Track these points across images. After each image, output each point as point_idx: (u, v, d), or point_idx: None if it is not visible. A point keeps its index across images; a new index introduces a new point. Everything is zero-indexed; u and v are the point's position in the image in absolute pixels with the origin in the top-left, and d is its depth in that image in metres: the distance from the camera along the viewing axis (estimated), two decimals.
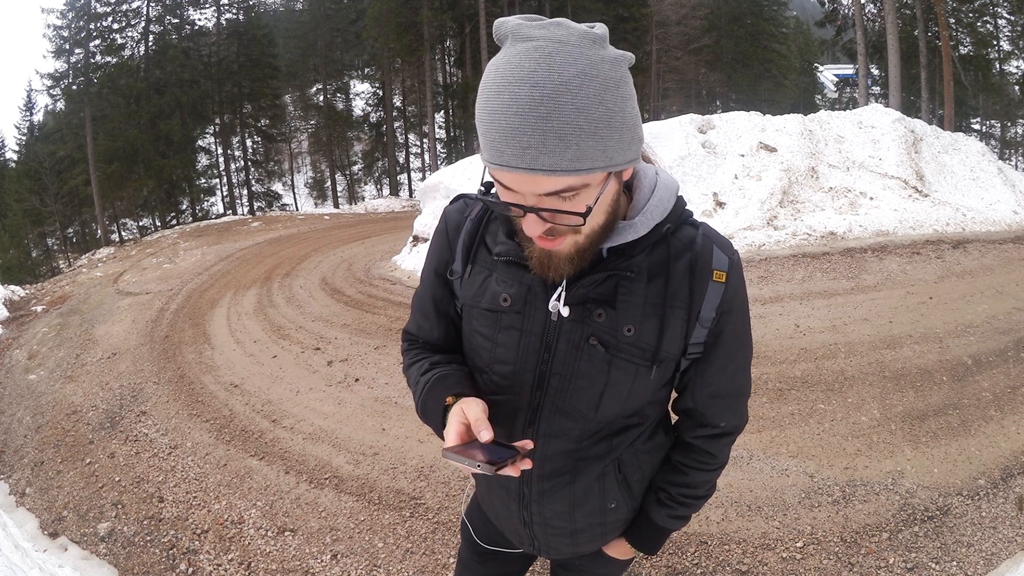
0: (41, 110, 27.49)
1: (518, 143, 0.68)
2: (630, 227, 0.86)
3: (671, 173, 6.99)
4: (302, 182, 31.32)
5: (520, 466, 0.80)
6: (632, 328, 0.89)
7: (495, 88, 0.69)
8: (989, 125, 24.17)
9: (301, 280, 8.34)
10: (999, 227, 7.21)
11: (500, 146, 0.70)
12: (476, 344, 0.98)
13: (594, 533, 1.08)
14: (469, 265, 0.98)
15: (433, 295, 1.06)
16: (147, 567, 2.81)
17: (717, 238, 0.94)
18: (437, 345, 1.09)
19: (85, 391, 5.08)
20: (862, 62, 18.24)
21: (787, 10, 32.63)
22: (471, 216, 0.99)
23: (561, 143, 0.68)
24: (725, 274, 0.91)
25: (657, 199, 0.89)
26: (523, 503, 1.05)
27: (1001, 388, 3.69)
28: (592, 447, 0.98)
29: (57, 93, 21.23)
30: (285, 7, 36.02)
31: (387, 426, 3.87)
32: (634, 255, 0.88)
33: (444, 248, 1.03)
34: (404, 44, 23.98)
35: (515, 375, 0.95)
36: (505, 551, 1.25)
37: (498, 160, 0.71)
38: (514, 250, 0.91)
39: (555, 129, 0.67)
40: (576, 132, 0.68)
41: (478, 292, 0.96)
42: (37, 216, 22.62)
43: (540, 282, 0.90)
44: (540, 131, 0.67)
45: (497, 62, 0.71)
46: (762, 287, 5.82)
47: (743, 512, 2.75)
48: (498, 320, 0.94)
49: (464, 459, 0.77)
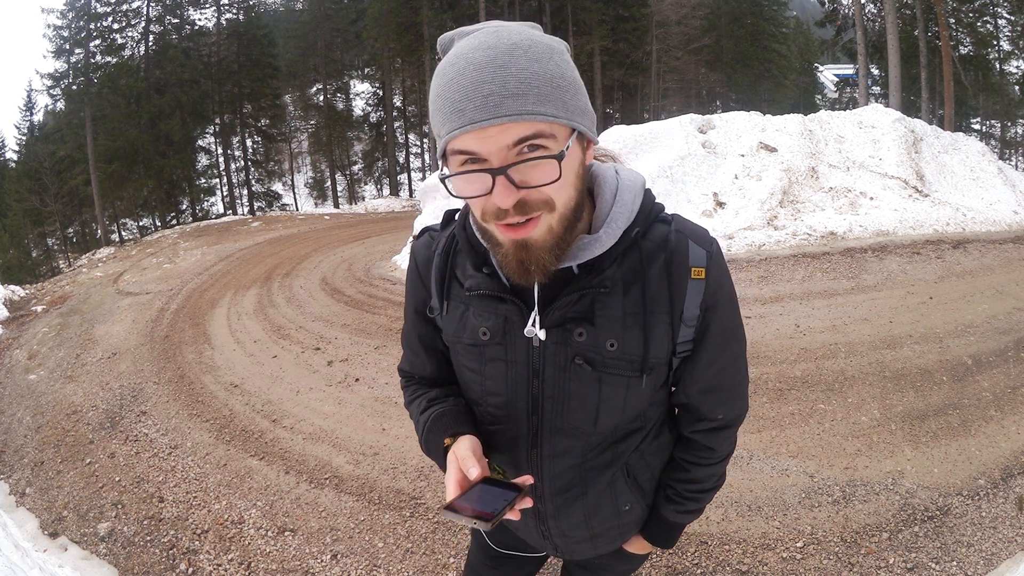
0: (41, 110, 27.56)
1: (479, 94, 0.67)
2: (595, 241, 0.83)
3: (669, 173, 6.91)
4: (302, 182, 31.33)
5: (520, 506, 0.79)
6: (615, 342, 0.87)
7: (448, 69, 0.71)
8: (989, 125, 24.19)
9: (301, 280, 8.34)
10: (999, 227, 7.21)
11: (460, 105, 0.68)
12: (466, 378, 0.98)
13: (612, 535, 1.09)
14: (445, 301, 0.96)
15: (418, 333, 1.05)
16: (147, 567, 2.81)
17: (692, 231, 0.90)
18: (432, 380, 1.08)
19: (85, 391, 5.08)
20: (862, 62, 18.23)
21: (787, 10, 32.63)
22: (438, 251, 0.97)
23: (523, 85, 0.68)
24: (704, 270, 0.88)
25: (620, 204, 0.86)
26: (540, 519, 1.05)
27: (1001, 388, 3.69)
28: (597, 458, 0.97)
29: (57, 93, 21.27)
30: (285, 7, 36.05)
31: (387, 426, 3.87)
32: (604, 269, 0.85)
33: (419, 286, 1.02)
34: (404, 44, 24.00)
35: (508, 404, 0.94)
36: (520, 555, 1.25)
37: (459, 121, 0.69)
38: (484, 282, 0.89)
39: (514, 74, 0.68)
40: (533, 77, 0.69)
41: (458, 328, 0.95)
42: (37, 216, 22.63)
43: (516, 311, 0.88)
44: (500, 78, 0.68)
45: (446, 57, 0.74)
46: (762, 287, 5.82)
47: (743, 512, 2.75)
48: (482, 354, 0.93)
49: (462, 518, 0.76)
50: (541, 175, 0.72)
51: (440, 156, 0.76)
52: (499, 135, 0.69)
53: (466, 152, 0.71)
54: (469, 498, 0.79)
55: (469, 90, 0.68)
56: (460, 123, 0.69)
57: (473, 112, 0.68)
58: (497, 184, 0.71)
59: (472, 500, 0.79)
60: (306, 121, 30.55)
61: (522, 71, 0.68)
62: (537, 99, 0.69)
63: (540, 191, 0.73)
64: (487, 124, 0.68)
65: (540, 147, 0.71)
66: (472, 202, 0.77)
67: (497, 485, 0.82)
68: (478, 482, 0.82)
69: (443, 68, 0.72)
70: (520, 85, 0.68)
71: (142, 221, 22.88)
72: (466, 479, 0.83)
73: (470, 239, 0.90)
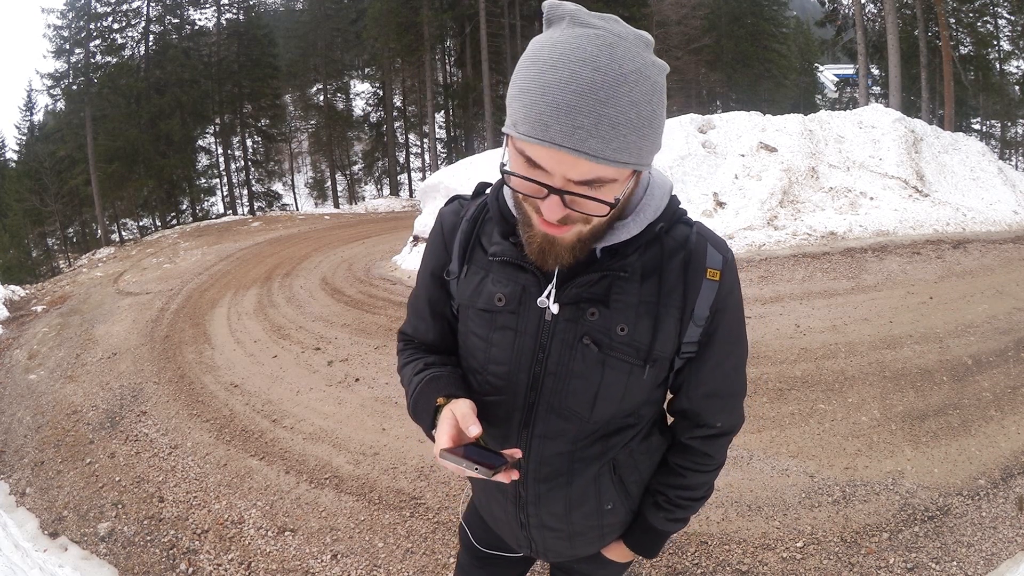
0: (41, 110, 27.56)
1: (570, 121, 0.67)
2: (623, 227, 0.86)
3: (669, 173, 6.99)
4: (302, 182, 31.33)
5: (509, 475, 0.80)
6: (625, 327, 0.89)
7: (551, 63, 0.68)
8: (989, 125, 24.17)
9: (301, 280, 8.34)
10: (999, 227, 7.21)
11: (548, 120, 0.68)
12: (471, 344, 0.98)
13: (591, 536, 1.08)
14: (465, 266, 0.98)
15: (429, 297, 1.06)
16: (147, 567, 2.81)
17: (711, 237, 0.94)
18: (432, 346, 1.09)
19: (85, 391, 5.08)
20: (862, 62, 18.23)
21: (787, 10, 32.62)
22: (466, 216, 0.99)
23: (612, 131, 0.68)
24: (719, 272, 0.91)
25: (651, 198, 0.89)
26: (520, 505, 1.05)
27: (1001, 388, 3.69)
28: (587, 448, 0.98)
29: (57, 93, 21.26)
30: (285, 7, 36.06)
31: (387, 426, 3.87)
32: (628, 255, 0.87)
33: (440, 249, 1.03)
34: (404, 44, 23.99)
35: (510, 375, 0.95)
36: (504, 555, 1.25)
37: (541, 135, 0.69)
38: (509, 250, 0.91)
39: (610, 116, 0.67)
40: (627, 124, 0.69)
41: (474, 292, 0.96)
42: (37, 216, 22.63)
43: (535, 282, 0.90)
44: (596, 114, 0.67)
45: (552, 39, 0.70)
46: (762, 287, 5.82)
47: (743, 512, 2.75)
48: (493, 320, 0.94)
49: (462, 461, 0.76)
50: (592, 208, 0.75)
51: (505, 134, 0.76)
52: (571, 166, 0.70)
53: (534, 161, 0.72)
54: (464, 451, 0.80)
55: (561, 112, 0.67)
56: (540, 135, 0.69)
57: (556, 134, 0.68)
58: (550, 199, 0.73)
59: (468, 453, 0.79)
60: (306, 121, 30.55)
61: (619, 115, 0.68)
62: (619, 148, 0.70)
63: (583, 213, 0.76)
64: (565, 152, 0.69)
65: (602, 186, 0.73)
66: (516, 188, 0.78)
67: (486, 450, 0.82)
68: (469, 444, 0.83)
69: (544, 57, 0.69)
70: (610, 131, 0.68)
71: (142, 221, 22.88)
72: (459, 436, 0.84)
73: (502, 210, 0.92)
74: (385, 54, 25.77)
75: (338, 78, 29.89)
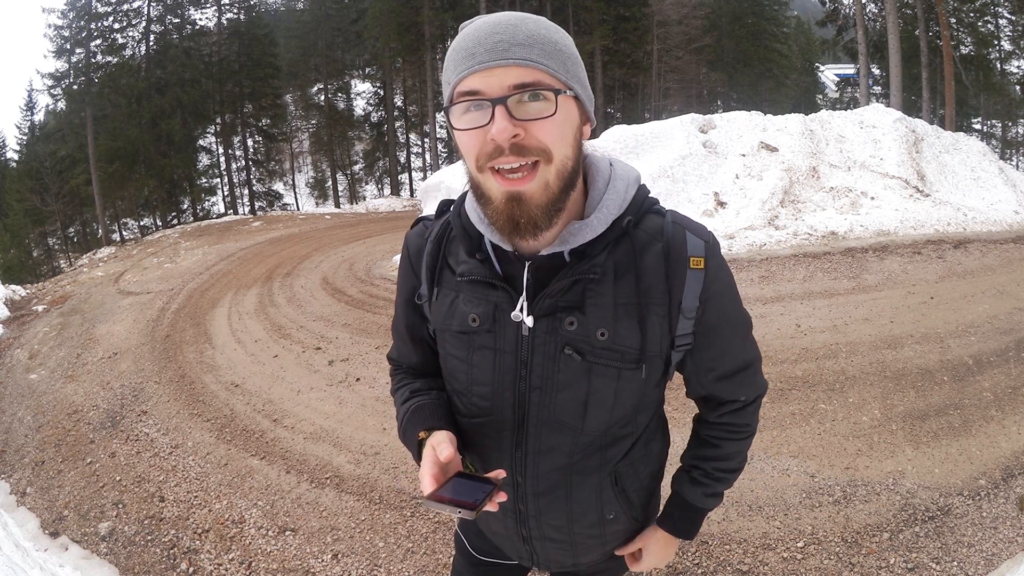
0: (42, 110, 27.60)
1: (491, 41, 0.74)
2: (586, 226, 0.84)
3: (670, 172, 6.95)
4: (303, 182, 31.33)
5: (496, 499, 0.79)
6: (605, 332, 0.86)
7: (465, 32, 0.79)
8: (990, 125, 24.18)
9: (302, 280, 8.35)
10: (1000, 227, 7.20)
11: (472, 50, 0.75)
12: (452, 367, 0.97)
13: (593, 544, 1.06)
14: (435, 288, 0.96)
15: (407, 323, 1.06)
16: (148, 566, 2.82)
17: (688, 223, 0.91)
18: (418, 369, 1.09)
19: (86, 390, 5.09)
20: (863, 62, 18.22)
21: (788, 10, 32.60)
22: (431, 237, 0.97)
23: (531, 38, 0.75)
24: (703, 259, 0.87)
25: (612, 192, 0.86)
26: (520, 520, 1.03)
27: (1002, 388, 3.68)
28: (585, 461, 0.95)
29: (58, 93, 21.24)
30: (286, 7, 36.08)
31: (388, 426, 3.87)
32: (595, 255, 0.85)
33: (409, 274, 1.02)
34: (405, 44, 24.01)
35: (495, 395, 0.93)
36: (501, 562, 1.23)
37: (469, 64, 0.75)
38: (477, 268, 0.89)
39: (523, 31, 0.75)
40: (542, 38, 0.76)
41: (447, 315, 0.94)
42: (38, 216, 22.65)
43: (507, 298, 0.88)
44: (511, 32, 0.75)
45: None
46: (763, 287, 5.82)
47: (744, 512, 2.75)
48: (471, 341, 0.92)
49: (444, 507, 0.76)
50: (538, 108, 0.75)
51: (447, 103, 0.80)
52: (503, 75, 0.74)
53: (471, 91, 0.75)
54: (447, 490, 0.80)
55: (482, 38, 0.75)
56: (469, 65, 0.75)
57: (483, 55, 0.74)
58: (496, 115, 0.73)
59: (451, 491, 0.79)
60: (307, 121, 30.56)
61: (531, 31, 0.76)
62: (542, 53, 0.75)
63: (537, 137, 0.75)
64: (494, 65, 0.74)
65: (540, 97, 0.75)
66: (468, 149, 0.78)
67: (471, 479, 0.82)
68: (452, 477, 0.82)
69: (460, 34, 0.79)
70: (528, 38, 0.75)
71: (143, 221, 22.89)
72: (441, 473, 0.83)
73: (464, 225, 0.90)
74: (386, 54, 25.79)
75: (339, 78, 29.91)
